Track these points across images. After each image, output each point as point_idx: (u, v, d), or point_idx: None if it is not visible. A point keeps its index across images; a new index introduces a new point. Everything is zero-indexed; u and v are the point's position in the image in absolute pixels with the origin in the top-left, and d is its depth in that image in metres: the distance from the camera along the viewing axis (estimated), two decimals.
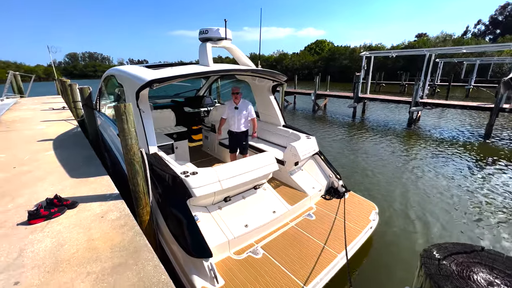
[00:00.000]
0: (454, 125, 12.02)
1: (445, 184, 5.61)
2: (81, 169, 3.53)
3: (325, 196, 4.01)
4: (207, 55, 3.70)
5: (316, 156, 4.31)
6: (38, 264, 1.80)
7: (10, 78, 12.57)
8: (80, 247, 1.98)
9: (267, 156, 3.37)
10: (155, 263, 1.81)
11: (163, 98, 6.77)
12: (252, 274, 2.52)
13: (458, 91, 25.64)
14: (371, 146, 8.63)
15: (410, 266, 3.19)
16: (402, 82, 28.86)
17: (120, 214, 2.43)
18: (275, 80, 4.46)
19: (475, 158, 7.42)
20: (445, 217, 4.34)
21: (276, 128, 4.82)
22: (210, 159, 5.11)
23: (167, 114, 5.14)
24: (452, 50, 15.69)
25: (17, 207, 2.54)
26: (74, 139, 5.09)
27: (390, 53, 15.80)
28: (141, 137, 3.20)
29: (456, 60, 26.60)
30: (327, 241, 3.01)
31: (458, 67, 32.95)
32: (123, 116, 2.42)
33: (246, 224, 2.98)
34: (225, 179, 2.87)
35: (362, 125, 12.15)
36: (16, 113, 8.32)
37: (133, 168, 2.56)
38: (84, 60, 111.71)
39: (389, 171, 6.33)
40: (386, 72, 34.93)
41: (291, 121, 13.29)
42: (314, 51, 62.14)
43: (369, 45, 54.82)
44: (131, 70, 3.61)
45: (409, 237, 3.84)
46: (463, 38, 47.97)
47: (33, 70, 63.69)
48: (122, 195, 2.85)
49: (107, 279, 1.68)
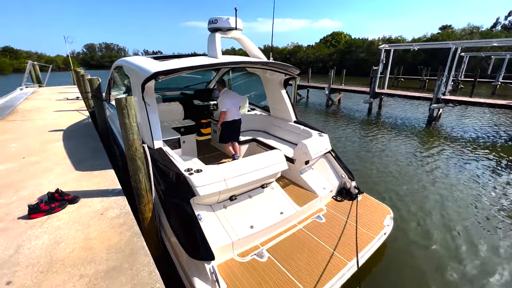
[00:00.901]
0: (478, 124, 11.27)
1: (467, 189, 5.23)
2: (87, 161, 3.50)
3: (336, 198, 3.80)
4: (215, 46, 3.52)
5: (328, 154, 4.08)
6: (32, 263, 1.74)
7: (29, 68, 12.94)
8: (77, 246, 1.91)
9: (277, 154, 3.19)
10: (151, 269, 1.70)
11: (173, 90, 6.68)
12: (256, 279, 2.39)
13: (484, 88, 24.12)
14: (387, 144, 8.22)
15: (425, 278, 2.97)
16: (422, 77, 27.50)
17: (120, 212, 2.35)
18: (287, 73, 4.22)
19: (502, 161, 6.89)
20: (465, 224, 4.02)
21: (287, 124, 4.61)
22: (218, 154, 4.99)
23: (175, 107, 5.04)
24: (481, 43, 14.61)
25: (20, 200, 2.52)
26: (84, 130, 5.11)
27: (411, 46, 14.92)
28: (146, 131, 3.10)
29: (483, 54, 24.91)
30: (337, 247, 2.83)
31: (484, 62, 30.96)
32: (124, 110, 2.30)
33: (252, 225, 2.84)
34: (230, 178, 2.73)
35: (377, 122, 11.64)
36: (33, 102, 8.53)
37: (135, 164, 2.46)
38: (101, 50, 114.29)
39: (406, 173, 5.99)
40: (405, 67, 33.31)
41: (303, 115, 12.95)
42: (329, 43, 60.35)
43: (388, 37, 52.50)
44: (137, 62, 3.49)
45: (425, 246, 3.57)
46: (492, 30, 44.85)
47: (53, 60, 65.99)
48: (127, 190, 2.78)
49: (99, 284, 1.59)
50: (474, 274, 3.09)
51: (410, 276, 3.07)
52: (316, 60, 54.61)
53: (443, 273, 3.10)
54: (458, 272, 3.11)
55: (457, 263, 3.26)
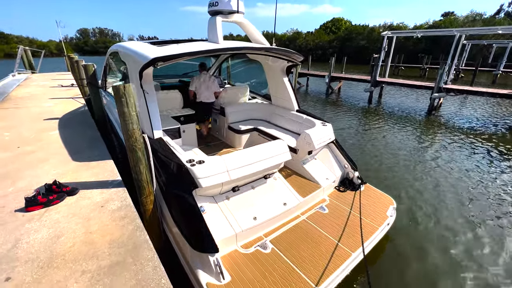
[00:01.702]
0: (479, 114, 11.22)
1: (467, 177, 5.23)
2: (84, 151, 3.39)
3: (339, 188, 3.76)
4: (216, 30, 3.34)
5: (331, 144, 4.01)
6: (32, 258, 1.68)
7: (21, 53, 12.49)
8: (77, 240, 1.85)
9: (280, 144, 3.10)
10: (155, 264, 1.65)
11: (171, 77, 6.48)
12: (260, 270, 2.37)
13: (485, 77, 23.92)
14: (387, 134, 8.17)
15: (428, 267, 2.99)
16: (423, 66, 27.15)
17: (121, 204, 2.28)
18: (291, 60, 4.07)
19: (500, 150, 6.89)
20: (467, 213, 4.03)
21: (289, 113, 4.50)
22: (218, 144, 4.89)
23: (174, 95, 4.88)
24: (485, 30, 14.29)
25: (17, 191, 2.43)
26: (80, 119, 4.96)
27: (414, 33, 14.58)
28: (145, 121, 2.99)
29: (485, 42, 24.50)
30: (341, 238, 2.81)
31: (486, 51, 30.54)
32: (122, 98, 2.18)
33: (255, 217, 2.79)
34: (233, 169, 2.65)
35: (378, 111, 11.54)
36: (26, 89, 8.27)
37: (135, 155, 2.36)
38: (94, 35, 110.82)
39: (407, 162, 5.97)
40: (406, 55, 32.76)
41: (302, 104, 12.77)
42: (329, 30, 58.97)
43: (389, 24, 51.37)
44: (134, 47, 3.32)
45: (427, 236, 3.59)
46: (495, 18, 43.99)
47: (46, 45, 63.86)
48: (127, 181, 2.70)
49: (102, 280, 1.53)
50: (482, 260, 3.11)
51: (412, 264, 3.09)
52: (315, 47, 53.54)
53: (448, 260, 3.12)
54: (463, 259, 3.14)
55: (462, 250, 3.28)
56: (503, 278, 2.91)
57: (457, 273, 3.00)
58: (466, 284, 2.86)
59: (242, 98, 5.45)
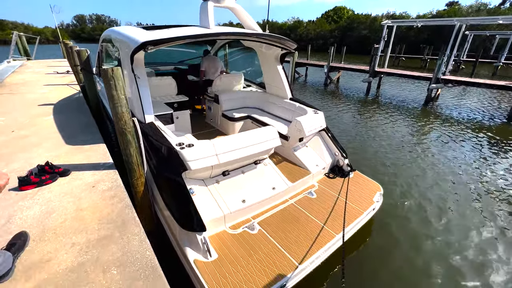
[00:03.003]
0: (475, 105, 11.24)
1: (457, 169, 5.33)
2: (77, 136, 3.45)
3: (328, 175, 3.85)
4: (208, 15, 3.32)
5: (322, 132, 4.07)
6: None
7: (15, 39, 12.31)
8: (68, 216, 1.93)
9: (270, 130, 3.16)
10: (141, 238, 1.74)
11: (167, 65, 6.45)
12: (246, 249, 2.48)
13: (485, 69, 23.73)
14: (381, 124, 8.22)
15: (408, 254, 3.12)
16: (424, 57, 26.86)
17: (111, 185, 2.36)
18: (284, 47, 4.06)
19: (493, 141, 6.97)
20: (454, 206, 4.14)
21: (282, 101, 4.53)
22: (212, 131, 4.95)
23: (168, 82, 4.88)
24: (486, 20, 14.10)
25: (11, 172, 2.50)
26: (74, 105, 4.99)
27: (415, 22, 14.37)
28: (137, 105, 3.03)
29: (488, 33, 24.15)
30: (326, 221, 2.92)
31: (488, 42, 30.16)
32: (111, 81, 2.21)
33: (244, 200, 2.89)
34: (222, 153, 2.72)
35: (375, 101, 11.53)
36: (21, 75, 8.23)
37: (125, 138, 2.42)
38: (91, 22, 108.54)
39: (398, 152, 6.05)
40: (408, 45, 32.30)
41: (301, 94, 12.75)
42: (331, 19, 57.86)
43: (392, 13, 50.41)
44: (126, 31, 3.32)
45: (412, 224, 3.70)
46: (500, 8, 43.14)
47: (41, 32, 62.71)
48: (119, 165, 2.77)
49: (91, 251, 1.63)
50: (464, 252, 3.20)
51: (393, 248, 3.22)
52: (316, 37, 52.72)
53: (425, 247, 3.25)
54: (441, 247, 3.27)
55: (443, 240, 3.40)
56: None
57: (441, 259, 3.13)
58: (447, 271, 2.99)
59: (236, 86, 5.46)
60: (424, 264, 2.98)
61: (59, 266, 1.53)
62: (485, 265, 2.96)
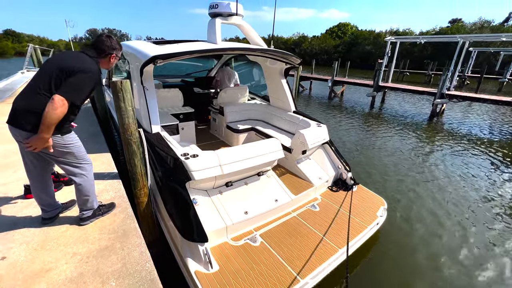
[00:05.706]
0: (481, 121, 11.15)
1: (464, 187, 5.23)
2: (84, 145, 3.49)
3: (332, 188, 3.81)
4: (215, 31, 3.45)
5: (325, 145, 4.07)
6: (27, 241, 1.78)
7: (30, 51, 12.83)
8: (71, 226, 1.95)
9: (273, 142, 3.18)
10: (142, 250, 1.73)
11: (174, 77, 6.62)
12: (248, 261, 2.44)
13: (491, 84, 23.68)
14: (386, 138, 8.18)
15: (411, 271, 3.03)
16: (428, 72, 27.00)
17: (115, 195, 2.38)
18: (288, 62, 4.16)
19: (500, 158, 6.85)
20: (458, 226, 4.03)
21: (286, 114, 4.58)
22: (217, 142, 4.99)
23: (175, 94, 5.00)
24: (488, 37, 14.24)
25: (18, 180, 2.55)
26: (83, 115, 5.11)
27: (418, 39, 14.61)
28: (144, 116, 3.10)
29: (492, 50, 24.29)
30: (329, 235, 2.86)
31: (493, 58, 30.27)
32: (119, 93, 2.28)
33: (246, 211, 2.87)
34: (226, 164, 2.74)
35: (379, 116, 11.53)
36: None
37: (130, 149, 2.45)
38: None
39: (403, 167, 5.98)
40: (412, 61, 32.62)
41: (305, 107, 12.85)
42: (336, 34, 59.11)
43: (395, 30, 51.32)
44: (136, 46, 3.45)
45: (416, 241, 3.60)
46: (504, 25, 43.60)
47: (55, 44, 65.33)
48: (124, 175, 2.79)
49: (91, 262, 1.62)
50: (468, 267, 3.12)
51: (397, 265, 3.12)
52: (321, 52, 53.63)
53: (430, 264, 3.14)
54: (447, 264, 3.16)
55: (447, 256, 3.29)
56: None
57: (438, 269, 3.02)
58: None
59: (241, 98, 5.55)
60: (430, 279, 2.88)
61: (59, 276, 1.53)
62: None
